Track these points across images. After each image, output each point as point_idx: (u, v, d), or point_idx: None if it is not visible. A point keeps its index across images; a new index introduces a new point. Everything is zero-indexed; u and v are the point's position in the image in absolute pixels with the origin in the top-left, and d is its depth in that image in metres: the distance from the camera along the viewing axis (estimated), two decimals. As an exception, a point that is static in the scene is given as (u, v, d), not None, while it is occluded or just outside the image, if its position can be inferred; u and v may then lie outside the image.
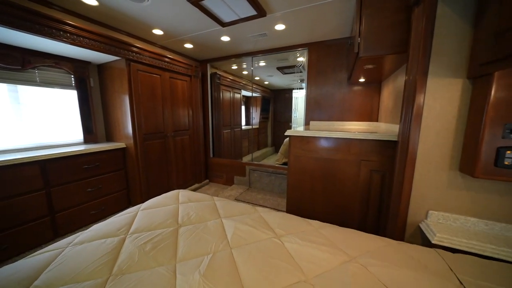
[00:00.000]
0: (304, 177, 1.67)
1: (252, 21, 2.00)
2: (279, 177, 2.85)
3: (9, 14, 1.40)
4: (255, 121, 4.93)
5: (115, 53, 2.01)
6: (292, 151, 1.68)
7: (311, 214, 1.64)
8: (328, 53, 2.53)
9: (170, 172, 2.71)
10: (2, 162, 1.50)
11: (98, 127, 2.41)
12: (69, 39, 1.71)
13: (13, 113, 1.89)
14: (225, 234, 0.97)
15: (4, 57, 1.72)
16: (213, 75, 3.38)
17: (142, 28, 2.20)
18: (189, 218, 1.10)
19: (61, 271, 0.74)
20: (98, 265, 0.77)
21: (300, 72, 3.26)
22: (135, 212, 1.18)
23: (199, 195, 1.44)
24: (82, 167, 1.97)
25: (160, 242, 0.91)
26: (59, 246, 0.90)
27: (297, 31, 2.27)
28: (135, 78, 2.19)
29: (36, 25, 1.53)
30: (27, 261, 0.81)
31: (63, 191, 1.85)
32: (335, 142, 1.53)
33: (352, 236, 0.99)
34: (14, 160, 1.55)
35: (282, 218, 1.14)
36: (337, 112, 2.57)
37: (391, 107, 1.90)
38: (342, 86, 2.51)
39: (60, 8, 1.81)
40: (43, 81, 2.02)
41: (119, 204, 2.34)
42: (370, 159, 1.45)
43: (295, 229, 1.03)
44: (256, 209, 1.25)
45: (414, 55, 1.08)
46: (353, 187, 1.52)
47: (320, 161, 1.60)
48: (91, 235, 0.96)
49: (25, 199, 1.64)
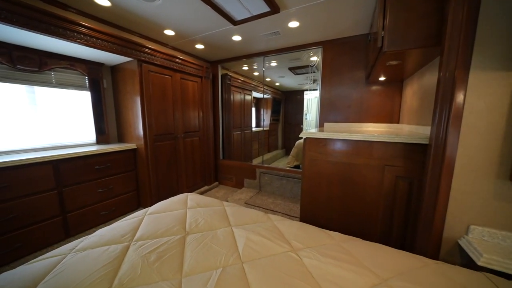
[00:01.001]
0: (320, 183, 1.55)
1: (265, 18, 1.93)
2: (290, 181, 2.73)
3: (26, 16, 1.41)
4: (266, 123, 4.84)
5: (127, 54, 2.01)
6: (307, 154, 1.57)
7: (328, 223, 1.52)
8: (344, 51, 2.40)
9: (180, 174, 2.68)
10: (17, 162, 1.51)
11: (110, 128, 2.43)
12: (83, 40, 1.72)
13: (29, 114, 1.93)
14: (235, 245, 0.88)
15: (22, 59, 1.76)
16: (223, 76, 3.34)
17: (153, 28, 2.19)
18: (197, 225, 1.03)
19: (59, 282, 0.68)
20: (97, 277, 0.70)
21: (313, 72, 3.14)
22: (141, 216, 1.13)
23: (208, 200, 1.36)
24: (94, 168, 1.97)
25: (166, 252, 0.83)
26: (61, 252, 0.85)
27: (311, 28, 2.16)
28: (147, 79, 2.18)
29: (51, 26, 1.54)
30: (26, 268, 0.76)
31: (74, 191, 1.86)
32: (355, 145, 1.41)
33: (380, 252, 0.87)
34: (28, 160, 1.57)
35: (299, 228, 1.03)
36: (354, 113, 2.42)
37: (416, 108, 1.74)
38: (360, 85, 2.36)
39: (75, 10, 1.83)
40: (59, 82, 2.05)
41: (129, 205, 2.32)
42: (395, 164, 1.31)
43: (313, 242, 0.92)
44: (269, 217, 1.15)
45: (452, 47, 0.94)
46: (376, 195, 1.38)
47: (338, 165, 1.48)
48: (94, 241, 0.90)
49: (37, 198, 1.65)
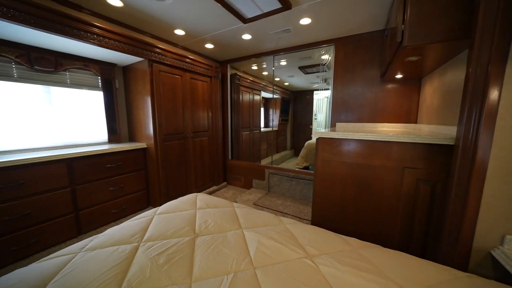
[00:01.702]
0: (333, 185, 1.49)
1: (276, 15, 1.88)
2: (300, 182, 2.66)
3: (43, 18, 1.44)
4: (274, 123, 4.78)
5: (138, 54, 2.02)
6: (319, 155, 1.50)
7: (341, 227, 1.44)
8: (358, 49, 2.31)
9: (189, 173, 2.67)
10: (33, 160, 1.55)
11: (122, 127, 2.46)
12: (96, 40, 1.74)
13: (45, 113, 1.98)
14: (247, 249, 0.84)
15: (39, 60, 1.81)
16: (233, 76, 3.33)
17: (164, 28, 2.20)
18: (206, 227, 1.00)
19: (68, 283, 0.67)
20: (106, 279, 0.68)
21: (324, 71, 3.06)
22: (151, 216, 1.11)
23: (217, 200, 1.33)
24: (105, 166, 2.00)
25: (175, 255, 0.80)
26: (71, 251, 0.85)
27: (323, 25, 2.10)
28: (157, 79, 2.19)
29: (66, 27, 1.57)
30: (37, 266, 0.76)
31: (87, 189, 1.88)
32: (371, 146, 1.33)
33: (403, 261, 0.80)
34: (43, 158, 1.60)
35: (313, 233, 0.97)
36: (368, 113, 2.33)
37: (436, 107, 1.63)
38: (374, 84, 2.26)
39: (89, 11, 1.86)
40: (73, 82, 2.10)
41: (139, 204, 2.34)
42: (416, 166, 1.22)
43: (330, 248, 0.86)
44: (280, 219, 1.11)
45: (484, 39, 0.86)
46: (394, 199, 1.30)
47: (353, 167, 1.41)
48: (104, 241, 0.89)
49: (52, 196, 1.68)
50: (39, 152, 1.79)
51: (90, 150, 1.88)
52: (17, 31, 1.47)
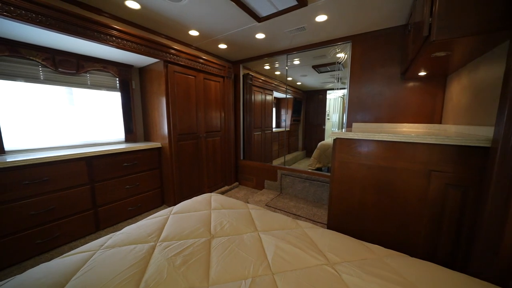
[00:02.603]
0: (351, 188, 1.42)
1: (291, 13, 1.84)
2: (314, 184, 2.59)
3: (67, 22, 1.50)
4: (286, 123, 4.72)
5: (154, 55, 2.06)
6: (337, 157, 1.44)
7: (360, 233, 1.38)
8: (376, 46, 2.21)
9: (202, 173, 2.69)
10: (56, 158, 1.62)
11: (137, 127, 2.53)
12: (115, 42, 1.79)
13: (68, 113, 2.07)
14: (264, 253, 0.81)
15: (63, 63, 1.90)
16: (245, 76, 3.32)
17: (179, 29, 2.23)
18: (222, 228, 0.98)
19: (88, 280, 0.67)
20: (124, 278, 0.68)
21: (339, 70, 2.97)
22: (166, 216, 1.11)
23: (232, 201, 1.31)
24: (122, 165, 2.05)
25: (191, 256, 0.79)
26: (91, 248, 0.86)
27: (340, 22, 2.03)
28: (172, 80, 2.23)
29: (88, 30, 1.63)
30: (59, 261, 0.78)
31: (105, 187, 1.95)
32: (394, 147, 1.26)
33: (436, 273, 0.73)
34: (65, 156, 1.67)
35: (333, 238, 0.93)
36: (387, 112, 2.22)
37: (466, 106, 1.51)
38: (394, 82, 2.15)
39: (108, 14, 1.92)
40: (93, 83, 2.18)
41: (153, 202, 2.39)
42: (444, 169, 1.14)
43: (352, 256, 0.81)
44: (297, 223, 1.07)
45: (530, 29, 0.77)
46: (419, 204, 1.21)
47: (373, 170, 1.33)
48: (122, 239, 0.90)
49: (73, 192, 1.75)
50: (61, 150, 1.88)
51: (108, 149, 1.94)
52: (44, 36, 1.55)
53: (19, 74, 1.73)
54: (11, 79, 1.71)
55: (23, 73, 1.75)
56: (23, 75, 1.76)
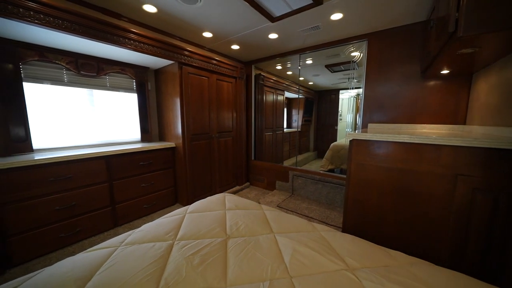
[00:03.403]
0: (368, 191, 1.37)
1: (305, 12, 1.82)
2: (327, 185, 2.54)
3: (89, 27, 1.58)
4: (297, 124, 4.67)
5: (169, 57, 2.11)
6: (354, 158, 1.40)
7: (378, 237, 1.32)
8: (394, 43, 2.13)
9: (214, 173, 2.72)
10: (78, 156, 1.70)
11: (153, 127, 2.60)
12: (133, 45, 1.85)
13: (89, 114, 2.17)
14: (281, 256, 0.80)
15: (85, 66, 2.00)
16: (257, 76, 3.32)
17: (193, 31, 2.27)
18: (237, 229, 0.98)
19: (111, 276, 0.70)
20: (145, 275, 0.70)
21: (353, 69, 2.89)
22: (182, 214, 1.13)
23: (246, 202, 1.31)
24: (138, 164, 2.12)
25: (208, 256, 0.80)
26: (112, 244, 0.89)
27: (356, 20, 1.97)
28: (186, 81, 2.27)
29: (108, 34, 1.70)
30: (83, 256, 0.81)
31: (122, 185, 2.02)
32: (416, 149, 1.20)
33: (467, 284, 0.69)
34: (87, 155, 1.75)
35: (351, 243, 0.90)
36: (405, 113, 2.13)
37: (495, 106, 1.42)
38: (413, 81, 2.06)
39: (127, 19, 1.99)
40: (112, 85, 2.27)
41: (167, 201, 2.45)
42: (472, 174, 1.07)
43: (372, 262, 0.78)
44: (314, 226, 1.04)
45: None
46: (443, 210, 1.15)
47: (392, 172, 1.28)
48: (141, 236, 0.93)
49: (93, 189, 1.83)
50: (83, 149, 1.97)
51: (125, 148, 2.01)
52: (68, 40, 1.63)
53: (46, 77, 1.84)
54: (39, 82, 1.81)
55: (49, 76, 1.86)
56: (49, 78, 1.86)
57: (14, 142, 1.67)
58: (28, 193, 1.49)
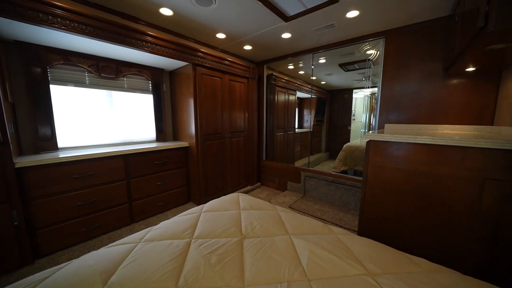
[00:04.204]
0: (386, 194, 1.33)
1: (320, 10, 1.79)
2: (340, 187, 2.48)
3: (109, 31, 1.64)
4: (308, 124, 4.61)
5: (184, 59, 2.16)
6: (371, 160, 1.36)
7: (397, 242, 1.28)
8: (414, 40, 2.04)
9: (225, 172, 2.75)
10: (99, 155, 1.78)
11: (167, 127, 2.67)
12: (149, 48, 1.91)
13: (108, 114, 2.27)
14: (298, 258, 0.79)
15: (105, 68, 2.09)
16: (269, 76, 3.31)
17: (207, 33, 2.30)
18: (253, 229, 0.98)
19: (133, 271, 0.72)
20: (165, 271, 0.72)
21: (369, 67, 2.80)
22: (198, 213, 1.15)
23: (260, 202, 1.31)
24: (154, 163, 2.19)
25: (225, 255, 0.81)
26: (133, 240, 0.93)
27: (373, 17, 1.91)
28: (200, 82, 2.31)
29: (127, 38, 1.76)
30: (107, 250, 0.85)
31: (139, 183, 2.09)
32: (439, 151, 1.14)
33: (497, 297, 0.64)
34: (106, 153, 1.83)
35: (371, 247, 0.87)
36: (425, 112, 2.03)
37: (528, 104, 1.32)
38: (434, 79, 1.96)
39: (144, 22, 2.06)
40: (129, 87, 2.36)
41: (180, 199, 2.50)
42: (502, 178, 1.00)
43: (394, 268, 0.75)
44: (330, 228, 1.02)
45: None
46: (469, 215, 1.08)
47: (412, 175, 1.23)
48: (160, 233, 0.95)
49: (112, 186, 1.91)
50: (102, 148, 2.06)
51: (142, 148, 2.08)
52: (90, 44, 1.71)
53: (70, 79, 1.95)
54: (64, 84, 1.92)
55: (73, 79, 1.96)
56: (73, 80, 1.97)
57: (41, 141, 1.78)
58: (54, 189, 1.58)
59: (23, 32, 1.46)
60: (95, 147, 2.11)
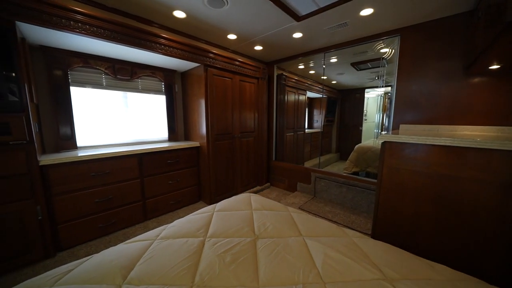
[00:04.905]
0: (402, 197, 1.29)
1: (333, 9, 1.76)
2: (352, 189, 2.43)
3: (125, 34, 1.70)
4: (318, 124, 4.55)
5: (196, 60, 2.19)
6: (386, 162, 1.32)
7: (412, 247, 1.23)
8: (431, 38, 1.96)
9: (235, 172, 2.77)
10: (115, 154, 1.85)
11: (179, 127, 2.73)
12: (163, 50, 1.96)
13: (123, 114, 2.34)
14: (312, 260, 0.79)
15: (121, 70, 2.16)
16: (279, 76, 3.30)
17: (218, 34, 2.32)
18: (265, 230, 0.98)
19: (150, 267, 0.75)
20: (181, 269, 0.74)
21: (383, 66, 2.72)
22: (210, 212, 1.17)
23: (271, 203, 1.31)
24: (166, 162, 2.24)
25: (239, 255, 0.81)
26: (149, 237, 0.95)
27: (388, 14, 1.85)
28: (211, 82, 2.34)
29: (142, 40, 1.82)
30: (124, 247, 0.88)
31: (152, 181, 2.15)
32: (460, 153, 1.09)
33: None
34: (122, 152, 1.89)
35: (387, 251, 0.85)
36: (443, 113, 1.95)
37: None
38: (454, 78, 1.88)
39: (157, 25, 2.11)
40: (143, 88, 2.43)
41: (191, 198, 2.55)
42: (532, 182, 0.94)
43: (412, 274, 0.73)
44: (344, 231, 1.01)
45: None
46: (493, 221, 1.03)
47: (431, 178, 1.18)
48: (175, 231, 0.98)
49: (127, 184, 1.97)
50: (118, 147, 2.13)
51: (155, 147, 2.13)
52: (107, 47, 1.78)
53: (88, 81, 2.03)
54: (82, 86, 2.01)
55: (91, 81, 2.05)
56: (91, 82, 2.05)
57: (61, 140, 1.87)
58: (74, 186, 1.66)
59: (47, 37, 1.55)
60: (111, 146, 2.19)
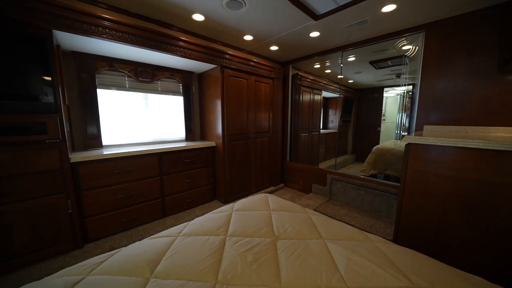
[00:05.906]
0: (428, 202, 1.22)
1: (352, 7, 1.71)
2: (370, 192, 2.35)
3: (147, 38, 1.78)
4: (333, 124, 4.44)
5: (213, 62, 2.24)
6: (411, 165, 1.26)
7: (438, 254, 1.17)
8: (459, 33, 1.84)
9: (250, 172, 2.79)
10: (137, 152, 1.94)
11: (195, 127, 2.80)
12: (182, 52, 2.02)
13: (144, 115, 2.45)
14: (334, 264, 0.77)
15: (142, 73, 2.26)
16: (294, 76, 3.27)
17: (235, 36, 2.35)
18: (285, 231, 0.98)
19: (176, 263, 0.78)
20: (205, 266, 0.76)
21: (405, 64, 2.60)
22: (229, 212, 1.19)
23: (289, 204, 1.31)
24: (184, 161, 2.31)
25: (260, 255, 0.82)
26: (171, 234, 0.99)
27: (412, 10, 1.77)
28: (227, 83, 2.37)
29: (163, 44, 1.89)
30: (149, 242, 0.92)
31: (170, 179, 2.22)
32: (494, 157, 1.02)
33: None
34: (144, 151, 1.98)
35: (414, 258, 0.81)
36: (473, 113, 1.82)
37: None
38: (486, 76, 1.75)
39: (177, 28, 2.18)
40: (163, 89, 2.52)
41: (206, 197, 2.60)
42: None
43: (444, 284, 0.69)
44: (367, 236, 0.98)
45: None
46: (533, 231, 0.95)
47: (461, 183, 1.11)
48: (196, 229, 1.01)
49: (147, 182, 2.06)
50: (139, 146, 2.23)
51: (174, 147, 2.21)
52: (130, 51, 1.87)
53: (113, 83, 2.15)
54: (108, 88, 2.13)
55: (115, 83, 2.16)
56: (115, 84, 2.17)
57: (89, 139, 1.99)
58: (100, 182, 1.76)
59: (78, 43, 1.66)
60: (132, 145, 2.30)
